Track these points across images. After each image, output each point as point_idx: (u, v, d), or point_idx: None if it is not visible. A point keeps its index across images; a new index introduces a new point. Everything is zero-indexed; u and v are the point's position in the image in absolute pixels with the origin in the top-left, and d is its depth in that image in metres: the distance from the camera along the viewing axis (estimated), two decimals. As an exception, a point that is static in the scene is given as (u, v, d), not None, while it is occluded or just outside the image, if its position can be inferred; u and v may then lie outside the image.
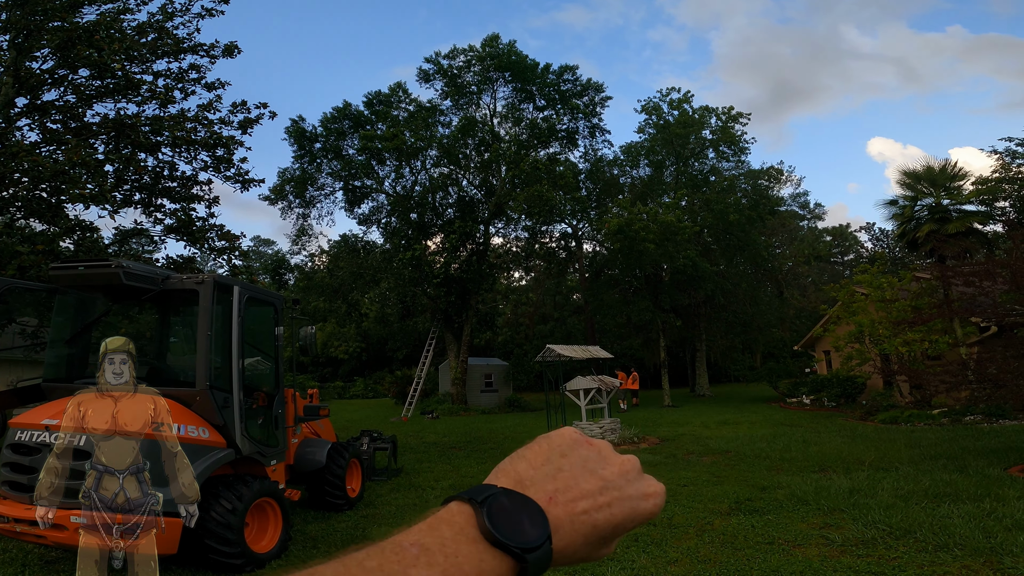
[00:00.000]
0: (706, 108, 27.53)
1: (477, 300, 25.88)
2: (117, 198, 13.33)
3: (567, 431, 0.52)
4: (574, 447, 0.50)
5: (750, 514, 6.13)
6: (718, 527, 5.75)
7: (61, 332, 4.68)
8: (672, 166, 28.30)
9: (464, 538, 0.43)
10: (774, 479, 7.70)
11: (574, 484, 0.48)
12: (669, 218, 19.84)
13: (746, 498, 6.71)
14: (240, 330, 4.60)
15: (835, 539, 5.19)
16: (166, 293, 4.52)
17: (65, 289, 4.73)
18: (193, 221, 12.59)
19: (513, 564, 0.43)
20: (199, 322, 4.31)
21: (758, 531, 5.53)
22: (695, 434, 13.54)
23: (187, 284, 4.46)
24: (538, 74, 27.05)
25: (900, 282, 16.22)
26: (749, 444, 11.04)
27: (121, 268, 4.11)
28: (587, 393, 12.78)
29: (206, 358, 4.24)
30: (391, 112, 26.67)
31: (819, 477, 7.68)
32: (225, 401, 4.34)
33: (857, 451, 9.56)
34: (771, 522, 5.80)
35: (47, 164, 8.46)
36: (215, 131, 13.65)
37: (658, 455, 10.40)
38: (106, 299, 4.77)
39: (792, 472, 8.23)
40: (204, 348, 4.24)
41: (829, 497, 6.46)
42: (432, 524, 0.44)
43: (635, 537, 5.49)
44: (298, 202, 28.05)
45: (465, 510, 0.45)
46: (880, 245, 52.01)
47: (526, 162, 24.21)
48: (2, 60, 11.69)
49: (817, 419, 15.68)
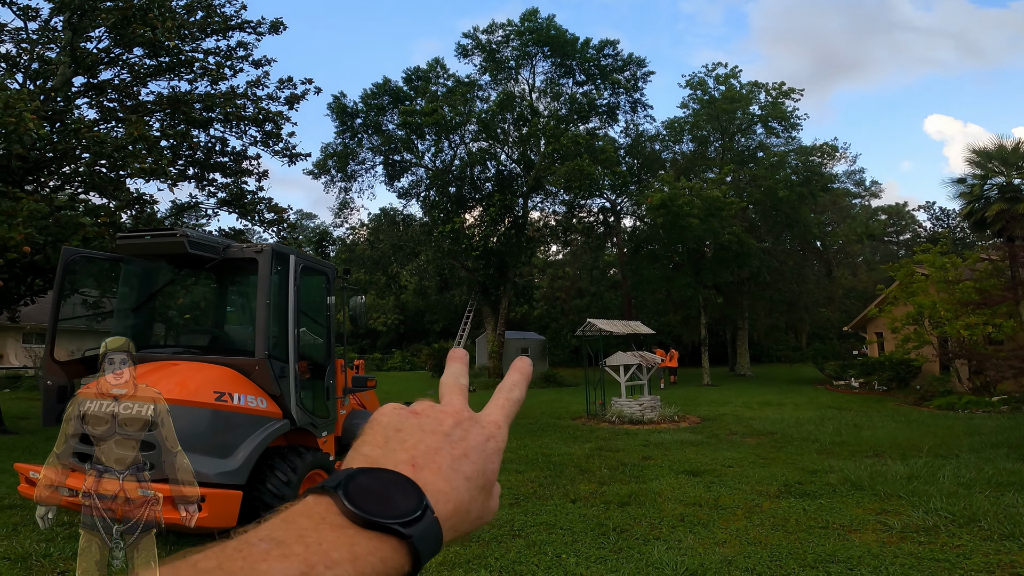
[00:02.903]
0: (755, 83, 26.65)
1: (515, 273, 25.92)
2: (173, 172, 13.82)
3: (386, 408, 0.49)
4: (403, 419, 0.47)
5: (801, 497, 5.99)
6: (767, 509, 5.65)
7: (126, 301, 4.88)
8: (717, 142, 27.43)
9: (327, 525, 0.38)
10: (825, 463, 7.49)
11: (425, 447, 0.45)
12: (714, 193, 19.23)
13: (796, 481, 6.56)
14: (296, 299, 4.69)
15: (894, 525, 5.03)
16: (226, 262, 4.63)
17: (130, 259, 4.92)
18: (244, 194, 12.94)
19: (397, 543, 0.38)
20: (258, 291, 4.41)
21: (810, 515, 5.41)
22: (737, 414, 13.31)
23: (247, 253, 4.56)
24: (578, 49, 26.52)
25: (964, 262, 15.36)
26: (796, 426, 10.78)
27: (186, 237, 4.22)
28: (627, 369, 12.67)
29: (265, 327, 4.34)
30: (430, 88, 26.62)
31: (873, 462, 7.44)
32: (282, 371, 4.45)
33: (913, 437, 9.21)
34: (824, 506, 5.66)
35: (109, 140, 8.77)
36: (263, 107, 13.88)
37: (700, 434, 10.27)
38: (169, 268, 4.94)
39: (844, 456, 8.00)
40: (263, 317, 4.34)
41: (885, 482, 6.25)
42: (286, 518, 0.38)
43: (681, 517, 5.45)
44: (340, 176, 28.53)
45: (323, 500, 0.39)
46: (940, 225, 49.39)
47: (566, 136, 23.85)
48: (59, 40, 12.09)
49: (867, 403, 15.18)
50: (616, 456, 8.32)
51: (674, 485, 6.59)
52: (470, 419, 0.49)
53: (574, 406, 15.22)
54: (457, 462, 0.45)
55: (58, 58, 11.71)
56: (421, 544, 0.39)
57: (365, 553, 0.37)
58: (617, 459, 8.09)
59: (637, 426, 11.55)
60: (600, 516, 5.51)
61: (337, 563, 0.35)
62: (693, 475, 7.03)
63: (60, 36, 11.98)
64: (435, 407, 0.50)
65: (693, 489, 6.40)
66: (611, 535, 4.98)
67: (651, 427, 11.44)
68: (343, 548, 0.36)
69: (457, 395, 0.52)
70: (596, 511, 5.66)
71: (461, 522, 0.44)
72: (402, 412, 0.48)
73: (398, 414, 0.48)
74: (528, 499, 6.09)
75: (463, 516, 0.44)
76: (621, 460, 8.00)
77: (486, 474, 0.47)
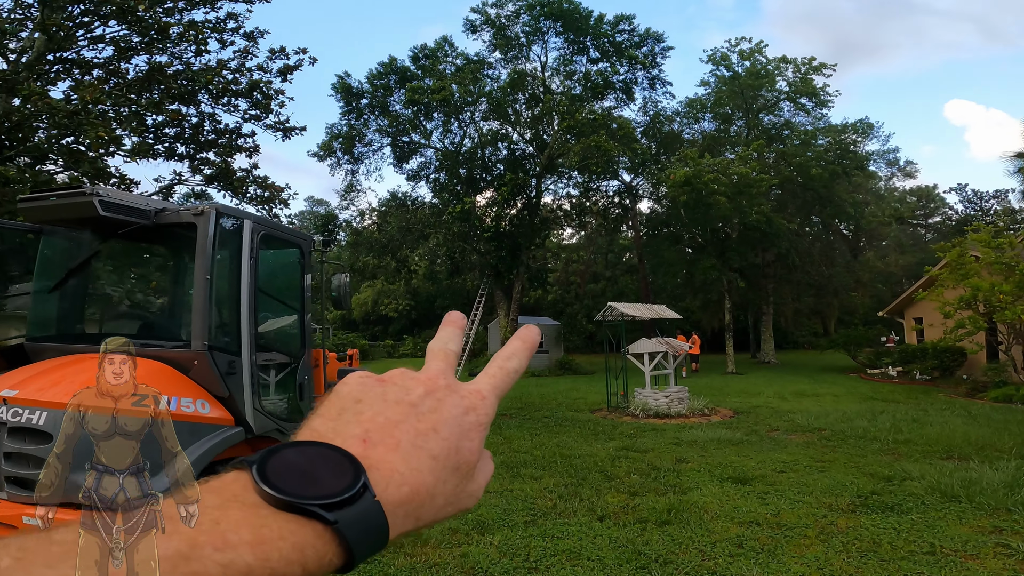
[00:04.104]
0: (783, 58, 25.18)
1: (528, 256, 24.87)
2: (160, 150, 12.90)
3: (352, 376, 0.42)
4: (367, 388, 0.40)
5: (883, 512, 4.90)
6: (845, 528, 4.57)
7: (45, 281, 3.92)
8: (740, 120, 25.98)
9: (237, 504, 0.32)
10: (896, 466, 6.37)
11: (384, 420, 0.38)
12: (743, 170, 17.90)
13: (870, 491, 5.46)
14: (252, 275, 3.69)
15: (1018, 548, 3.95)
16: (161, 230, 3.65)
17: (51, 229, 3.96)
18: (233, 171, 11.99)
19: (320, 529, 0.32)
20: (196, 264, 3.41)
21: (904, 535, 4.32)
22: (772, 406, 12.18)
23: (183, 216, 3.57)
24: (591, 25, 25.19)
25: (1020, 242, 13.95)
26: (844, 421, 9.63)
27: (96, 196, 3.23)
28: (652, 357, 11.58)
29: (204, 311, 3.35)
30: (437, 67, 25.51)
31: (954, 466, 6.30)
32: (231, 366, 3.47)
33: (985, 435, 8.03)
34: (917, 523, 4.57)
35: (60, 106, 7.81)
36: (252, 77, 12.88)
37: (736, 431, 9.18)
38: (94, 238, 3.97)
39: (914, 458, 6.87)
40: (202, 297, 3.34)
41: (984, 492, 5.13)
42: None
43: (738, 541, 4.40)
44: (346, 159, 27.62)
45: (243, 476, 0.33)
46: (973, 208, 47.16)
47: (580, 112, 22.63)
48: (32, 17, 11.20)
49: (913, 394, 13.94)
50: (645, 458, 7.27)
51: (720, 496, 5.54)
52: (446, 388, 0.41)
53: (592, 396, 14.17)
54: (422, 438, 0.38)
55: (30, 36, 10.84)
56: (351, 531, 0.32)
57: (274, 537, 0.31)
58: (647, 461, 7.04)
59: (664, 420, 10.49)
60: (635, 540, 4.48)
61: (232, 546, 0.30)
62: (741, 483, 5.96)
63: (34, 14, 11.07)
64: (407, 374, 0.42)
65: (745, 501, 5.34)
66: (653, 568, 3.95)
67: (679, 421, 10.37)
68: (244, 530, 0.31)
69: (439, 361, 0.45)
70: (630, 533, 4.63)
71: (423, 509, 0.37)
72: (367, 381, 0.41)
73: (362, 383, 0.41)
74: (546, 515, 5.07)
75: (425, 501, 0.37)
76: (652, 463, 6.95)
77: (461, 452, 0.39)
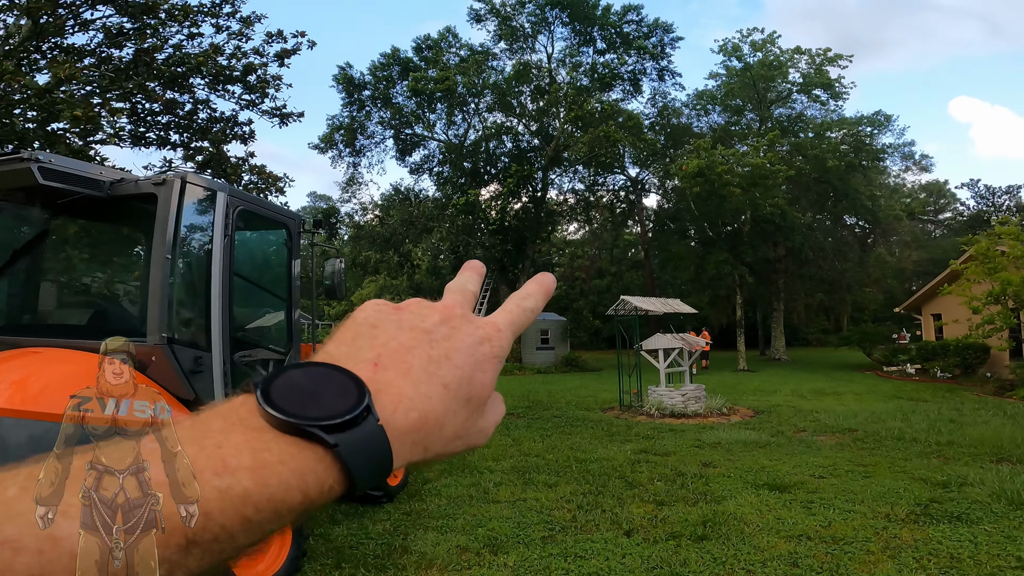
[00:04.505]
0: (797, 48, 24.54)
1: (534, 250, 24.33)
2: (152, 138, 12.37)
3: (368, 303, 0.40)
4: (383, 314, 0.39)
5: (950, 522, 4.34)
6: (912, 542, 4.01)
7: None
8: (751, 112, 25.35)
9: (241, 428, 0.31)
10: (947, 471, 5.80)
11: (397, 345, 0.37)
12: (759, 160, 17.27)
13: (928, 498, 4.89)
14: (226, 256, 3.13)
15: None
16: (118, 204, 3.10)
17: (0, 203, 3.41)
18: (227, 157, 11.46)
19: (321, 453, 0.30)
20: (154, 242, 2.85)
21: (985, 549, 3.76)
22: (793, 405, 11.60)
23: (143, 187, 3.01)
24: (599, 15, 24.58)
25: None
26: (875, 421, 9.05)
27: (36, 162, 2.67)
28: (667, 354, 11.00)
29: (162, 296, 2.80)
30: (441, 58, 24.96)
31: (1010, 470, 5.72)
32: (197, 363, 2.92)
33: (1032, 436, 7.45)
34: (993, 534, 4.00)
35: (31, 84, 7.27)
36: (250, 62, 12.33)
37: (761, 431, 8.61)
38: (45, 214, 3.41)
39: (963, 461, 6.28)
40: (160, 281, 2.77)
41: (1058, 506, 4.57)
42: (202, 418, 0.32)
43: (791, 559, 3.84)
44: (348, 151, 27.13)
45: (250, 400, 0.32)
46: (985, 203, 46.33)
47: (588, 103, 22.06)
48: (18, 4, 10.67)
49: (938, 392, 13.33)
50: (667, 462, 6.70)
51: (759, 506, 4.97)
52: (462, 317, 0.40)
53: (602, 395, 13.62)
54: (434, 364, 0.36)
55: (15, 22, 10.30)
56: (352, 456, 0.31)
57: (274, 461, 0.30)
58: (670, 466, 6.47)
59: (681, 420, 9.92)
60: (671, 559, 3.92)
61: (231, 470, 0.29)
62: (779, 490, 5.39)
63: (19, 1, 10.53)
64: (423, 302, 0.41)
65: (788, 512, 4.77)
66: (696, 597, 3.39)
67: (697, 421, 9.80)
68: (245, 454, 0.29)
69: (456, 295, 0.44)
70: (663, 551, 4.07)
71: (431, 438, 0.35)
72: (384, 308, 0.40)
73: (378, 309, 0.40)
74: (565, 530, 4.51)
75: (433, 431, 0.35)
76: (676, 468, 6.38)
77: (474, 384, 0.37)
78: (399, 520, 4.58)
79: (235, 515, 0.29)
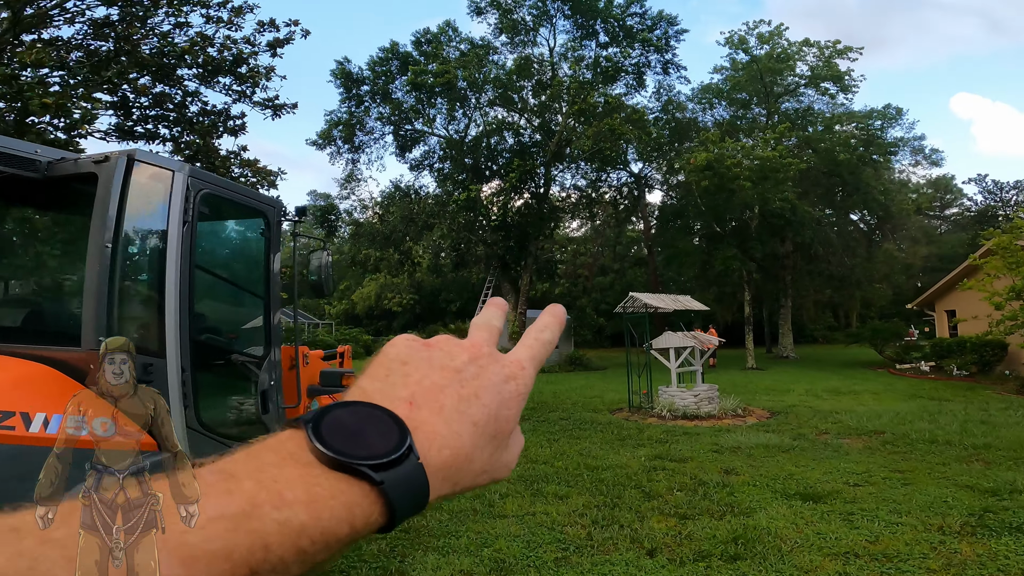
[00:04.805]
0: (805, 41, 24.03)
1: (537, 246, 23.84)
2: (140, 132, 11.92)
3: (399, 339, 0.42)
4: (414, 351, 0.40)
5: (1011, 533, 3.89)
6: (973, 557, 3.55)
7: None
8: (758, 106, 24.82)
9: (292, 462, 0.32)
10: (993, 476, 5.32)
11: (429, 384, 0.38)
12: (769, 153, 16.76)
13: (981, 508, 4.42)
14: (184, 247, 2.67)
15: None
16: (57, 187, 2.64)
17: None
18: (216, 150, 11.01)
19: (367, 489, 0.32)
20: (92, 227, 2.39)
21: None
22: (809, 405, 11.11)
23: (83, 166, 2.55)
24: (601, 8, 24.05)
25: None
26: (901, 423, 8.56)
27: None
28: (679, 353, 10.53)
29: (101, 293, 2.34)
30: (441, 52, 24.46)
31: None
32: (146, 371, 2.46)
33: (1074, 438, 6.97)
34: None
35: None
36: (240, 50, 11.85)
37: (781, 434, 8.13)
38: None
39: (1007, 466, 5.80)
40: (97, 275, 2.32)
41: None
42: (253, 451, 0.33)
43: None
44: (347, 147, 26.65)
45: (298, 435, 0.34)
46: (993, 199, 45.67)
47: (591, 95, 21.56)
48: None
49: (958, 391, 12.83)
50: (686, 469, 6.23)
51: (793, 518, 4.50)
52: (489, 356, 0.42)
53: (609, 395, 13.13)
54: (464, 403, 0.38)
55: None
56: (395, 492, 0.32)
57: (326, 496, 0.31)
58: (689, 474, 6.00)
59: (694, 422, 9.45)
60: (701, 585, 3.46)
61: (288, 504, 0.30)
62: (812, 500, 4.92)
63: None
64: (451, 340, 0.43)
65: (827, 525, 4.30)
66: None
67: (712, 423, 9.33)
68: (299, 488, 0.31)
69: (483, 331, 0.45)
70: (693, 573, 3.61)
71: (461, 474, 0.37)
72: (414, 344, 0.41)
73: (409, 345, 0.41)
74: (581, 550, 4.05)
75: (463, 467, 0.37)
76: (696, 476, 5.91)
77: (500, 421, 0.40)
78: (396, 539, 4.12)
79: (292, 547, 0.29)
